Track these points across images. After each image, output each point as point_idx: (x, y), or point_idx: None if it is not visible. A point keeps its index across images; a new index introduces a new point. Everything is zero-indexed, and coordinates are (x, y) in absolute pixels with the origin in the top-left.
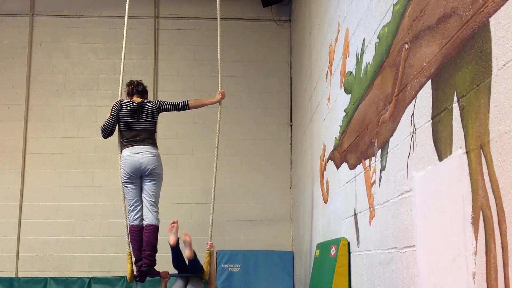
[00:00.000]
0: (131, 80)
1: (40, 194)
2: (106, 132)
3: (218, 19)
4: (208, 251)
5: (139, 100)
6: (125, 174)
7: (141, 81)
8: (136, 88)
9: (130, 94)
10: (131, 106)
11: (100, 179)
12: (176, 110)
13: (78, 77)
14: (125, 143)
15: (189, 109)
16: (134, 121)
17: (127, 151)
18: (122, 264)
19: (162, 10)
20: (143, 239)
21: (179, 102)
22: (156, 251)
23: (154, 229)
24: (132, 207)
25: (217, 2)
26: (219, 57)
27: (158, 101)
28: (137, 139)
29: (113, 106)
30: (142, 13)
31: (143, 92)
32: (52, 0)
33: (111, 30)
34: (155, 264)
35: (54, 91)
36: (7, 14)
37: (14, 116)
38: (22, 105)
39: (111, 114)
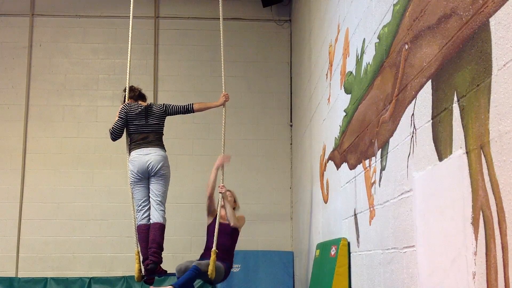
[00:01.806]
0: (131, 86)
1: (40, 194)
2: (115, 135)
3: (221, 21)
4: (220, 194)
5: (144, 104)
6: (133, 174)
7: (139, 88)
8: (138, 95)
9: (135, 99)
10: (139, 110)
11: (100, 179)
12: (182, 113)
13: (78, 77)
14: (133, 145)
15: (193, 112)
16: (143, 124)
17: (135, 153)
18: (122, 264)
19: (162, 10)
20: (149, 237)
21: (184, 106)
22: (162, 249)
23: (160, 227)
24: (140, 207)
25: (220, 4)
26: (222, 59)
27: (164, 104)
28: (145, 141)
29: (122, 108)
30: (142, 13)
31: (144, 97)
32: (52, 0)
33: (111, 30)
34: (161, 261)
35: (54, 91)
36: (7, 14)
37: (14, 116)
38: (22, 105)
39: (119, 117)
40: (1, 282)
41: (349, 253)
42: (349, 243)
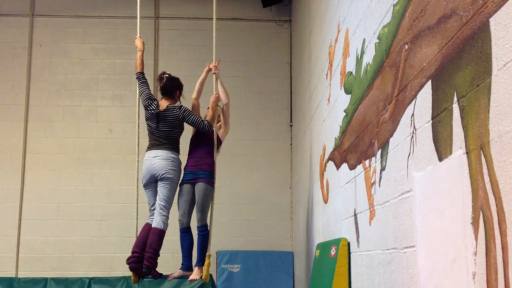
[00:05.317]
0: (159, 75)
1: (40, 194)
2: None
3: (214, 8)
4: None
5: (166, 103)
6: (143, 177)
7: (167, 76)
8: (162, 89)
9: (161, 94)
10: (153, 112)
11: (100, 179)
12: (198, 129)
13: (78, 77)
14: (148, 145)
15: (211, 128)
16: (155, 127)
17: (147, 154)
18: (122, 264)
19: (162, 10)
20: (148, 240)
21: (203, 123)
22: (157, 255)
23: (159, 233)
24: (151, 208)
25: (214, 2)
26: (213, 26)
27: (183, 110)
28: (155, 143)
29: (150, 99)
30: (142, 13)
31: (169, 92)
32: (52, 0)
33: (111, 30)
34: (155, 266)
35: (54, 91)
36: (7, 14)
37: (14, 116)
38: (22, 105)
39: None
40: (1, 282)
41: (349, 253)
42: (349, 243)
